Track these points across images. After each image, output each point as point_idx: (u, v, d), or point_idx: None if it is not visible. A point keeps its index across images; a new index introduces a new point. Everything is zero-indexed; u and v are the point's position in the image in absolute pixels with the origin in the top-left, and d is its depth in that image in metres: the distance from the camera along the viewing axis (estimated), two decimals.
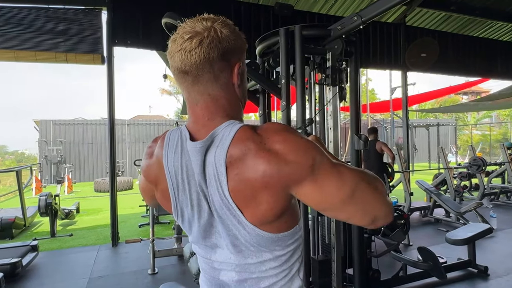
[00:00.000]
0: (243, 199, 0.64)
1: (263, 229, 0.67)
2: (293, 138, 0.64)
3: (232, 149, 0.63)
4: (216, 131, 0.67)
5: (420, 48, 5.98)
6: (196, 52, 0.65)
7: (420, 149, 15.47)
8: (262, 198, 0.63)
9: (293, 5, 5.60)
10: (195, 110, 0.71)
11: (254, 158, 0.62)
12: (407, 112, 6.79)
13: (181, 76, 0.69)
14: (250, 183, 0.63)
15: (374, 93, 25.58)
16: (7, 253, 3.46)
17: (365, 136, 2.37)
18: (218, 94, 0.70)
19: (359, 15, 1.99)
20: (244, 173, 0.63)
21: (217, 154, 0.65)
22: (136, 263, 3.76)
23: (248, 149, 0.63)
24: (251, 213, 0.65)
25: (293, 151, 0.62)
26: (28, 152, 35.93)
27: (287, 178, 0.62)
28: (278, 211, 0.66)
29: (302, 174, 0.62)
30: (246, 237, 0.68)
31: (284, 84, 2.30)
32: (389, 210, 0.69)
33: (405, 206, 5.06)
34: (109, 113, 4.50)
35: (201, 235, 0.74)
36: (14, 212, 5.52)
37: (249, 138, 0.63)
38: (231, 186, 0.64)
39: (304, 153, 0.62)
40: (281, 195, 0.64)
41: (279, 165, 0.61)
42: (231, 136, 0.64)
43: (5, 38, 4.20)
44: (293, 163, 0.62)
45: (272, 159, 0.61)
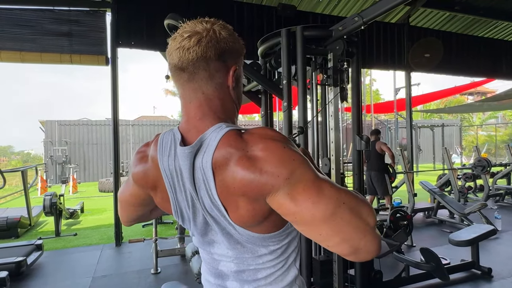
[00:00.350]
0: (228, 203, 0.66)
1: (251, 230, 0.68)
2: (276, 147, 0.61)
3: (217, 154, 0.63)
4: (205, 135, 0.67)
5: (423, 49, 5.95)
6: (193, 49, 0.67)
7: (424, 150, 15.37)
8: (240, 204, 0.64)
9: (296, 6, 5.61)
10: (188, 108, 0.72)
11: (234, 165, 0.62)
12: (411, 112, 6.76)
13: (178, 73, 0.71)
14: (231, 189, 0.63)
15: (378, 93, 25.47)
16: (12, 252, 3.50)
17: (367, 137, 2.37)
18: (212, 93, 0.71)
19: (360, 16, 2.00)
20: (226, 178, 0.63)
21: (203, 160, 0.65)
22: (139, 262, 3.78)
23: (230, 155, 0.62)
24: (235, 216, 0.67)
25: (272, 161, 0.60)
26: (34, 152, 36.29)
27: (261, 187, 0.61)
28: (259, 217, 0.66)
29: (276, 185, 0.60)
30: (238, 236, 0.70)
31: (286, 85, 2.30)
32: (374, 243, 0.63)
33: (409, 207, 5.04)
34: (113, 113, 4.53)
35: (200, 233, 0.76)
36: (19, 211, 5.59)
37: (232, 144, 0.63)
38: (219, 190, 0.65)
39: (283, 164, 0.60)
40: (258, 203, 0.63)
41: (255, 174, 0.60)
42: (217, 141, 0.64)
43: (11, 40, 4.26)
44: (268, 173, 0.60)
45: (250, 167, 0.60)
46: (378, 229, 2.81)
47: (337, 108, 2.35)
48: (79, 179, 12.38)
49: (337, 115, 2.36)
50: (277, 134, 0.65)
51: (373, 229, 0.64)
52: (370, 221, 0.63)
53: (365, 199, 0.67)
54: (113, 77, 4.46)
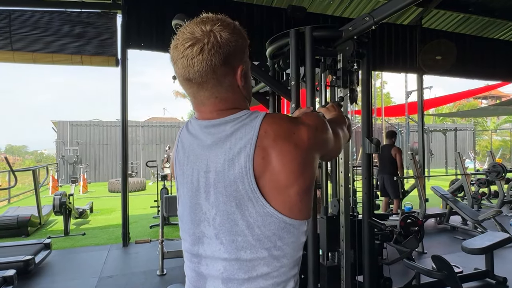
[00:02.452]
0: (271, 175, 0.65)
1: (276, 207, 0.66)
2: (313, 115, 0.77)
3: (265, 124, 0.67)
4: (239, 114, 0.71)
5: (435, 50, 5.83)
6: (198, 59, 0.67)
7: (436, 154, 15.08)
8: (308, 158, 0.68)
9: (306, 8, 5.57)
10: (201, 109, 0.74)
11: (294, 128, 0.68)
12: (422, 116, 6.62)
13: (186, 83, 0.72)
14: (290, 151, 0.66)
15: (389, 96, 25.16)
16: (21, 251, 3.54)
17: (377, 140, 2.31)
18: (225, 95, 0.72)
19: (371, 16, 1.95)
20: (282, 145, 0.66)
21: (246, 132, 0.67)
22: (146, 263, 3.78)
23: (285, 122, 0.69)
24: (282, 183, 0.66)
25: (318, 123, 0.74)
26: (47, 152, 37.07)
27: (321, 140, 0.74)
28: (313, 175, 0.71)
29: (326, 136, 0.76)
30: (249, 219, 0.66)
31: (294, 86, 2.26)
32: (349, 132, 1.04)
33: (420, 213, 4.91)
34: (122, 114, 4.56)
35: (190, 221, 0.73)
36: (30, 210, 5.66)
37: (282, 117, 0.71)
38: (258, 163, 0.65)
39: (325, 123, 0.77)
40: (317, 156, 0.73)
41: (315, 132, 0.72)
42: (262, 116, 0.69)
43: (24, 41, 4.33)
44: (321, 129, 0.75)
45: (309, 127, 0.71)
46: (388, 235, 2.71)
47: (347, 110, 2.30)
48: (90, 179, 12.53)
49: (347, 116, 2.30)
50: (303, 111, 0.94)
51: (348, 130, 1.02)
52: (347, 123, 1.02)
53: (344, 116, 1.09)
54: (123, 78, 4.49)
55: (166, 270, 3.47)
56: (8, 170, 5.58)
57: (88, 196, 9.58)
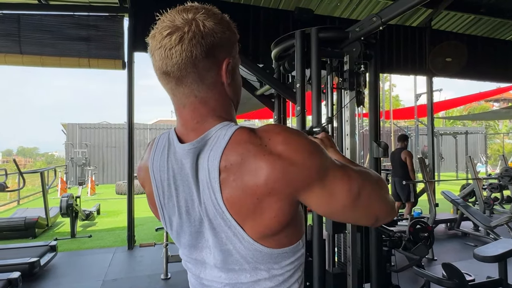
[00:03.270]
0: (241, 209, 0.58)
1: (262, 243, 0.60)
2: (296, 139, 0.58)
3: (228, 152, 0.57)
4: (209, 133, 0.61)
5: (445, 52, 5.72)
6: (176, 50, 0.58)
7: (446, 158, 14.82)
8: (265, 206, 0.57)
9: (314, 10, 5.53)
10: (183, 113, 0.65)
11: (255, 162, 0.56)
12: (432, 119, 6.50)
13: (164, 78, 0.63)
14: (250, 190, 0.56)
15: (398, 99, 24.89)
16: (26, 252, 3.55)
17: (385, 143, 2.24)
18: (206, 95, 0.63)
19: (378, 16, 1.89)
20: (243, 179, 0.56)
21: (210, 158, 0.58)
22: (150, 267, 3.76)
23: (247, 151, 0.56)
24: (251, 224, 0.59)
25: (299, 152, 0.56)
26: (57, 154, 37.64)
27: (295, 182, 0.56)
28: (284, 220, 0.59)
29: (311, 177, 0.57)
30: (241, 251, 0.61)
31: (299, 88, 2.22)
32: (392, 208, 0.67)
33: (430, 218, 4.79)
34: (128, 117, 4.57)
35: (190, 247, 0.68)
36: (38, 212, 5.71)
37: (248, 140, 0.57)
38: (227, 194, 0.57)
39: (311, 154, 0.57)
40: (287, 202, 0.58)
41: (285, 168, 0.55)
42: (227, 138, 0.58)
43: (33, 44, 4.38)
44: (300, 165, 0.56)
45: (276, 161, 0.55)
46: (397, 241, 2.63)
47: (353, 113, 2.24)
48: (98, 181, 12.64)
49: (353, 121, 2.25)
50: (290, 128, 0.62)
51: (389, 196, 0.67)
52: (386, 189, 0.67)
53: (376, 172, 0.71)
54: (129, 80, 4.50)
55: (170, 274, 3.44)
56: (17, 172, 5.63)
57: (96, 198, 9.65)
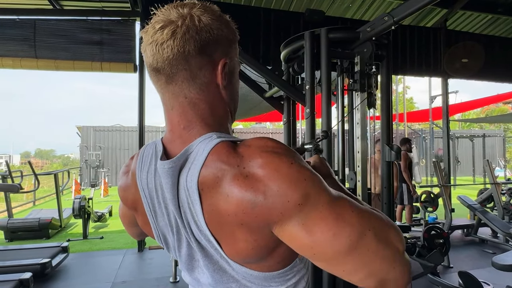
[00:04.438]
0: (222, 234, 0.52)
1: (250, 267, 0.55)
2: (280, 162, 0.48)
3: (205, 171, 0.51)
4: (191, 147, 0.54)
5: (462, 53, 5.57)
6: (168, 44, 0.54)
7: (463, 161, 14.42)
8: (238, 235, 0.51)
9: (325, 11, 5.47)
10: (171, 115, 0.60)
11: (228, 186, 0.49)
12: (448, 121, 6.32)
13: (154, 74, 0.58)
14: (225, 217, 0.50)
15: (412, 102, 24.45)
16: (38, 253, 3.60)
17: (397, 147, 2.18)
18: (196, 97, 0.58)
19: (390, 15, 1.84)
20: (218, 203, 0.50)
21: (188, 178, 0.52)
22: (159, 270, 3.75)
23: (222, 172, 0.49)
24: (231, 250, 0.53)
25: (278, 180, 0.47)
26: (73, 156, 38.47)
27: (266, 214, 0.48)
28: (262, 251, 0.53)
29: (286, 212, 0.47)
30: (235, 275, 0.57)
31: (309, 90, 2.18)
32: (405, 273, 0.51)
33: (445, 224, 4.65)
34: (139, 120, 4.60)
35: (185, 267, 0.64)
36: (52, 213, 5.81)
37: (224, 159, 0.50)
38: (207, 217, 0.52)
39: (292, 185, 0.47)
40: (261, 234, 0.50)
41: (257, 197, 0.47)
42: (204, 156, 0.51)
43: (48, 49, 4.47)
44: (275, 196, 0.47)
45: (249, 188, 0.47)
46: (410, 248, 2.54)
47: (364, 116, 2.18)
48: (111, 183, 12.82)
49: (364, 123, 2.19)
50: (280, 146, 0.51)
51: (402, 256, 0.52)
52: (400, 246, 0.51)
53: (390, 219, 0.54)
54: (141, 84, 4.54)
55: (179, 277, 3.42)
56: (32, 173, 5.75)
57: (109, 199, 9.77)
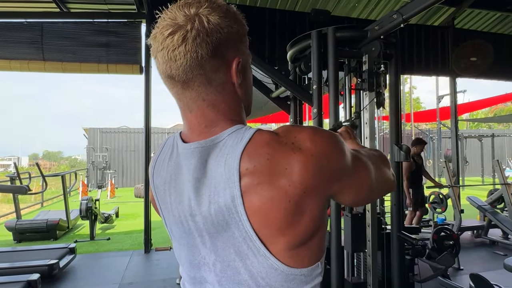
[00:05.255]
0: (266, 216, 0.51)
1: (279, 258, 0.53)
2: (320, 134, 0.55)
3: (249, 154, 0.52)
4: (221, 135, 0.56)
5: (470, 52, 5.48)
6: (180, 51, 0.53)
7: (471, 162, 14.23)
8: (295, 209, 0.52)
9: (331, 11, 5.43)
10: (190, 118, 0.60)
11: (285, 160, 0.51)
12: (456, 121, 6.25)
13: (169, 81, 0.58)
14: (282, 192, 0.51)
15: (419, 101, 24.23)
16: (46, 254, 3.62)
17: (407, 146, 2.14)
18: (215, 98, 0.58)
19: (399, 13, 1.80)
20: (272, 181, 0.51)
21: (227, 161, 0.53)
22: (166, 271, 3.75)
23: (274, 151, 0.51)
24: (275, 233, 0.52)
25: (327, 146, 0.54)
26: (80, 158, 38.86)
27: (330, 176, 0.54)
28: (317, 224, 0.55)
29: (343, 170, 0.56)
30: (253, 269, 0.54)
31: (316, 90, 2.15)
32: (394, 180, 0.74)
33: (455, 225, 4.57)
34: (145, 121, 4.62)
35: (188, 263, 0.62)
36: (59, 214, 5.85)
37: (272, 140, 0.52)
38: (249, 201, 0.51)
39: (341, 149, 0.56)
40: (321, 199, 0.55)
41: (321, 163, 0.52)
42: (246, 141, 0.53)
43: (55, 51, 4.51)
44: (334, 159, 0.54)
45: (310, 157, 0.51)
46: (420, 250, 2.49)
47: (373, 115, 2.15)
48: (117, 184, 12.89)
49: (373, 123, 2.15)
50: (306, 126, 0.59)
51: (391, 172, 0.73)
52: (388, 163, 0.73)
53: (382, 153, 0.74)
54: (146, 85, 4.56)
55: None
56: (40, 175, 5.80)
57: (115, 201, 9.83)
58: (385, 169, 0.70)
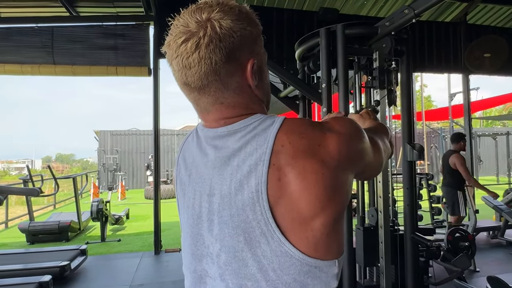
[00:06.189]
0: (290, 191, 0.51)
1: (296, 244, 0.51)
2: (342, 119, 0.61)
3: (283, 134, 0.53)
4: (249, 120, 0.57)
5: (483, 48, 5.34)
6: (194, 58, 0.54)
7: (486, 161, 13.90)
8: (336, 179, 0.53)
9: (339, 10, 5.37)
10: (208, 117, 0.61)
11: (319, 138, 0.54)
12: (470, 119, 6.10)
13: (185, 88, 0.59)
14: (316, 166, 0.52)
15: (430, 100, 23.85)
16: (58, 256, 3.65)
17: (420, 145, 2.08)
18: (233, 100, 0.59)
19: (411, 7, 1.75)
20: (306, 158, 0.52)
21: (259, 142, 0.53)
22: (176, 272, 3.74)
23: (308, 131, 0.54)
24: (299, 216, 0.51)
25: (352, 129, 0.59)
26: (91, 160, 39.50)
27: (357, 153, 0.59)
28: (346, 200, 0.56)
29: (365, 149, 0.61)
30: (262, 260, 0.51)
31: (325, 89, 2.11)
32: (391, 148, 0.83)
33: (470, 226, 4.45)
34: (154, 123, 4.63)
35: (190, 254, 0.60)
36: (71, 216, 5.92)
37: (303, 124, 0.56)
38: (274, 180, 0.51)
39: (360, 130, 0.61)
40: (350, 176, 0.58)
41: (349, 141, 0.57)
42: (277, 126, 0.54)
43: (65, 55, 4.56)
44: (357, 138, 0.59)
45: (340, 136, 0.55)
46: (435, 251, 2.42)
47: (384, 114, 2.09)
48: (128, 186, 13.02)
49: (384, 122, 2.10)
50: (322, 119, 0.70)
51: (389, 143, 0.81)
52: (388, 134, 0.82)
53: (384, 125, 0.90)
54: (155, 87, 4.57)
55: None
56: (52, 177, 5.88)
57: (126, 202, 9.91)
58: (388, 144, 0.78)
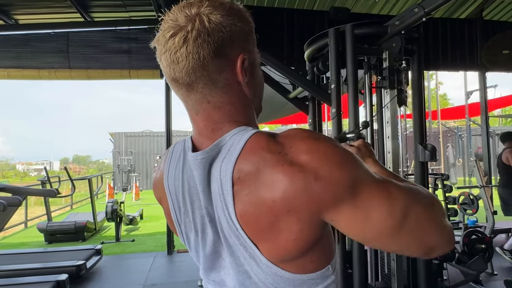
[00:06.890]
0: (256, 227, 0.50)
1: (282, 267, 0.51)
2: (326, 147, 0.48)
3: (241, 161, 0.50)
4: (224, 139, 0.54)
5: (501, 44, 5.19)
6: (181, 53, 0.52)
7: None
8: (282, 225, 0.49)
9: (350, 9, 5.32)
10: (196, 120, 0.59)
11: (271, 173, 0.48)
12: (487, 118, 5.93)
13: (174, 84, 0.58)
14: (266, 206, 0.48)
15: (446, 98, 23.32)
16: (74, 255, 3.75)
17: (432, 146, 2.04)
18: (220, 100, 0.56)
19: (421, 6, 1.73)
20: (258, 192, 0.49)
21: (222, 168, 0.52)
22: (188, 273, 3.78)
23: (264, 161, 0.48)
24: (267, 245, 0.51)
25: (325, 163, 0.47)
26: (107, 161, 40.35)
27: (318, 199, 0.47)
28: (304, 244, 0.50)
29: (339, 195, 0.47)
30: (260, 275, 0.53)
31: (334, 89, 2.10)
32: (449, 237, 0.54)
33: (487, 227, 4.33)
34: (166, 124, 4.70)
35: (208, 267, 0.61)
36: (87, 216, 6.07)
37: (265, 147, 0.49)
38: (240, 209, 0.50)
39: (340, 166, 0.47)
40: (308, 223, 0.49)
41: (307, 182, 0.46)
42: (241, 145, 0.51)
43: (80, 59, 4.69)
44: (325, 180, 0.46)
45: (297, 173, 0.46)
46: (449, 253, 2.38)
47: (394, 114, 2.07)
48: (142, 187, 13.24)
49: (394, 122, 2.07)
50: (317, 133, 0.53)
51: (446, 223, 0.54)
52: (441, 211, 0.55)
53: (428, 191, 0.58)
54: (167, 89, 4.63)
55: None
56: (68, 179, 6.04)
57: (140, 203, 10.08)
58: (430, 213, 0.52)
